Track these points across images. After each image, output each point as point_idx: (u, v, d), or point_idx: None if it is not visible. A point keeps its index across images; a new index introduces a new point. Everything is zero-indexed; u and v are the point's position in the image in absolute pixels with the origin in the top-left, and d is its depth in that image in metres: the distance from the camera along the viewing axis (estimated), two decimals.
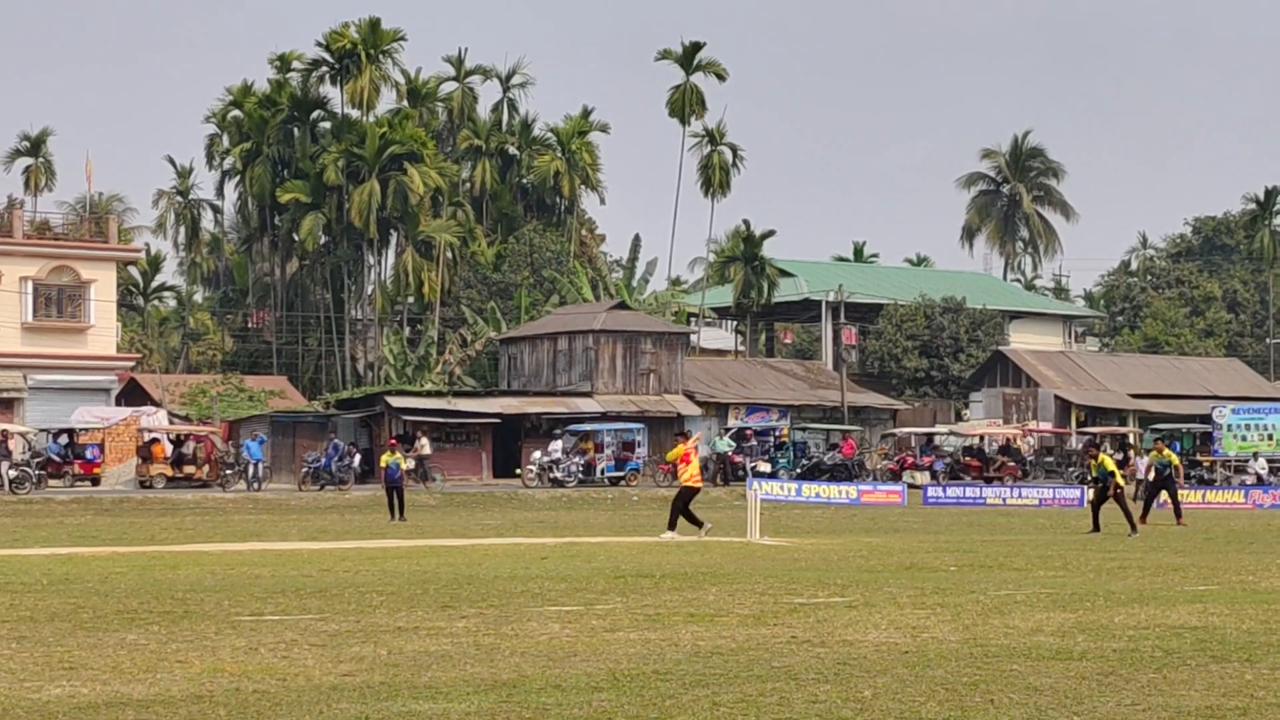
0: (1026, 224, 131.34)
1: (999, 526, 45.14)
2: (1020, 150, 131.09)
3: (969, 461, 79.10)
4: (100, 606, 19.64)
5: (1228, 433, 77.29)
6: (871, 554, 30.81)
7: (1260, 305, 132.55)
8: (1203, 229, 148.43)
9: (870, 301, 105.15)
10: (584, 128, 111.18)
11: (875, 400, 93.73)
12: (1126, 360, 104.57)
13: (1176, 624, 17.46)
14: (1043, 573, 25.73)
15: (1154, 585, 23.04)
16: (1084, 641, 15.81)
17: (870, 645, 15.59)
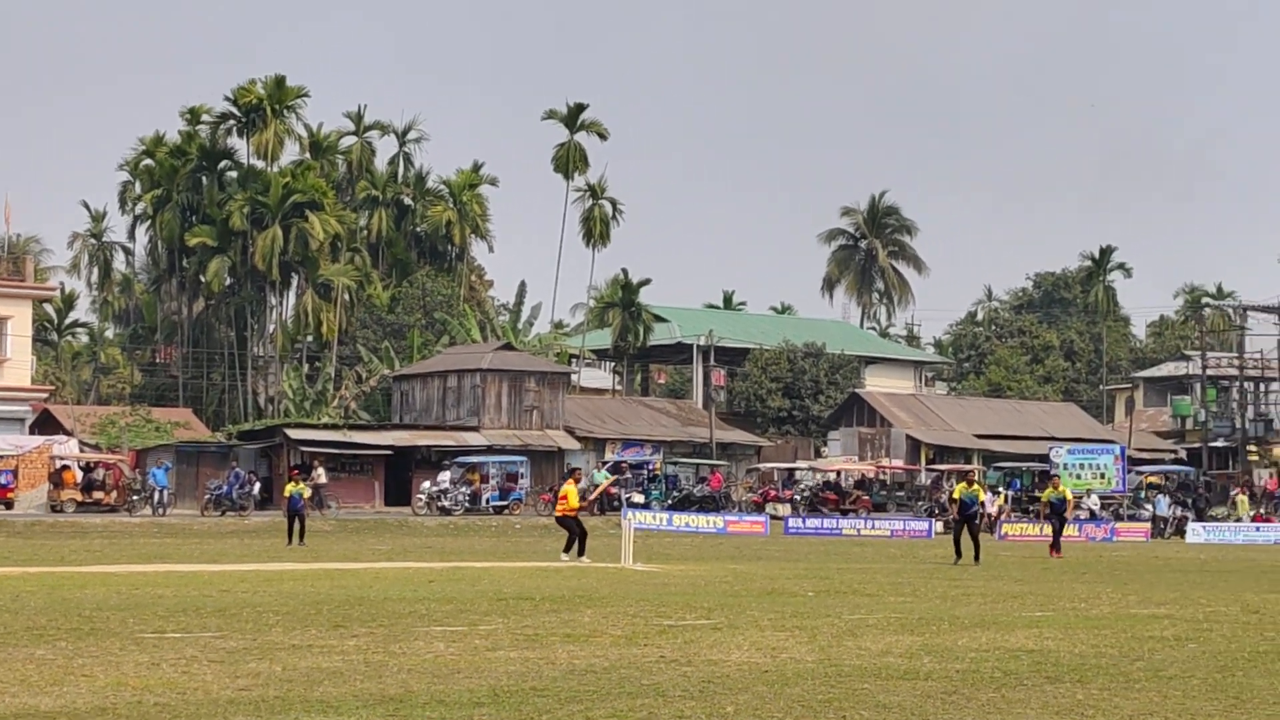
0: (882, 276, 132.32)
1: (854, 555, 45.31)
2: (877, 208, 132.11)
3: (827, 495, 79.37)
4: (10, 623, 19.36)
5: (1064, 471, 77.96)
6: (736, 580, 30.84)
7: (1095, 354, 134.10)
8: (1043, 283, 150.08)
9: (738, 346, 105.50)
10: (474, 180, 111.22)
11: (741, 437, 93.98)
12: (972, 403, 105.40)
13: (1015, 647, 17.57)
14: (893, 598, 25.85)
15: (995, 611, 23.20)
16: (930, 662, 15.89)
17: (733, 665, 15.60)
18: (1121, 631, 19.68)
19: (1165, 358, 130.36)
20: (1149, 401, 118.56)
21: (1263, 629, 20.28)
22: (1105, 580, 32.52)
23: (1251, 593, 28.25)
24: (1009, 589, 28.89)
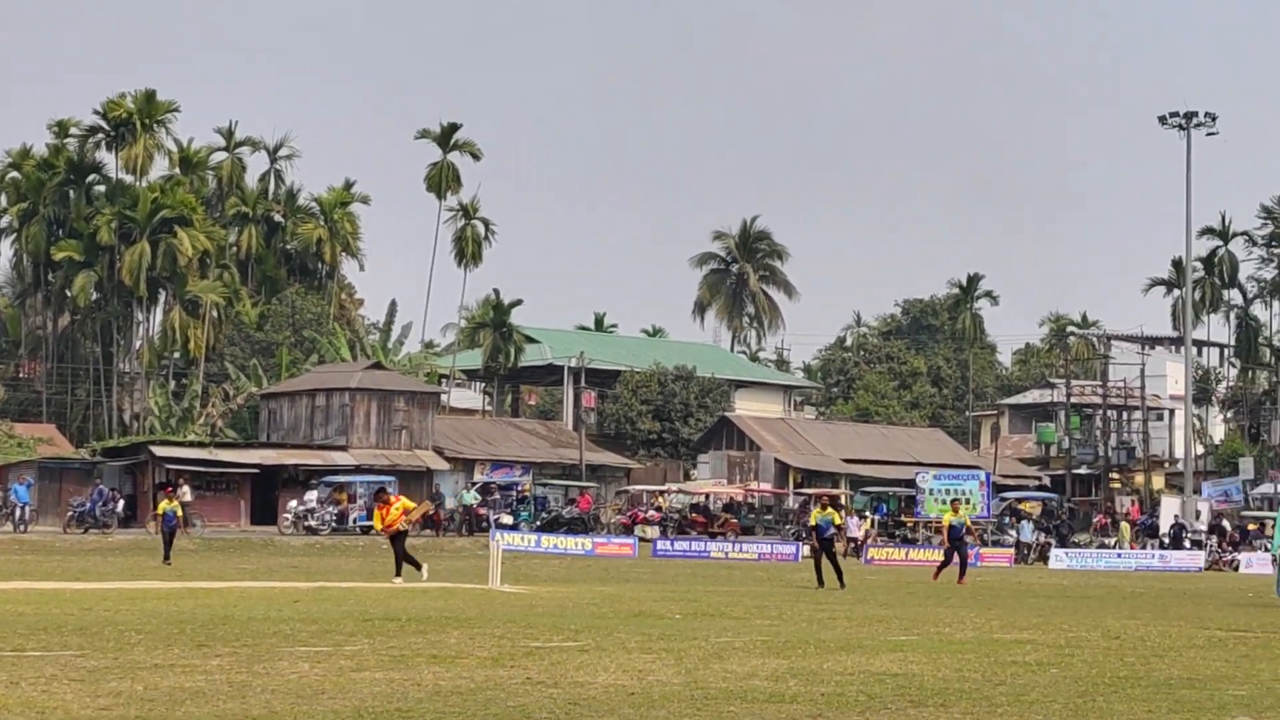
0: (753, 301, 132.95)
1: (721, 578, 45.42)
2: (749, 233, 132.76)
3: (695, 518, 79.59)
4: None
5: (929, 496, 78.64)
6: (604, 602, 30.81)
7: (961, 381, 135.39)
8: (911, 310, 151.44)
9: (609, 368, 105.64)
10: (346, 198, 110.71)
11: (611, 459, 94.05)
12: (840, 428, 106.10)
13: (879, 670, 17.66)
14: (760, 621, 25.92)
15: (860, 634, 23.31)
16: (795, 686, 15.94)
17: (600, 687, 15.57)
18: (985, 656, 19.82)
19: (1030, 385, 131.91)
20: (1014, 428, 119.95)
21: (1123, 654, 20.51)
22: (969, 605, 32.77)
23: (1113, 618, 28.58)
24: (874, 613, 29.05)
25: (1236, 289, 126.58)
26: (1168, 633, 24.83)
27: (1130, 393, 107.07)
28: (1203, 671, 18.30)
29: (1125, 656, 20.21)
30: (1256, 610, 32.70)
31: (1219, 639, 23.66)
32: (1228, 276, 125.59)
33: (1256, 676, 17.78)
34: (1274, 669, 18.77)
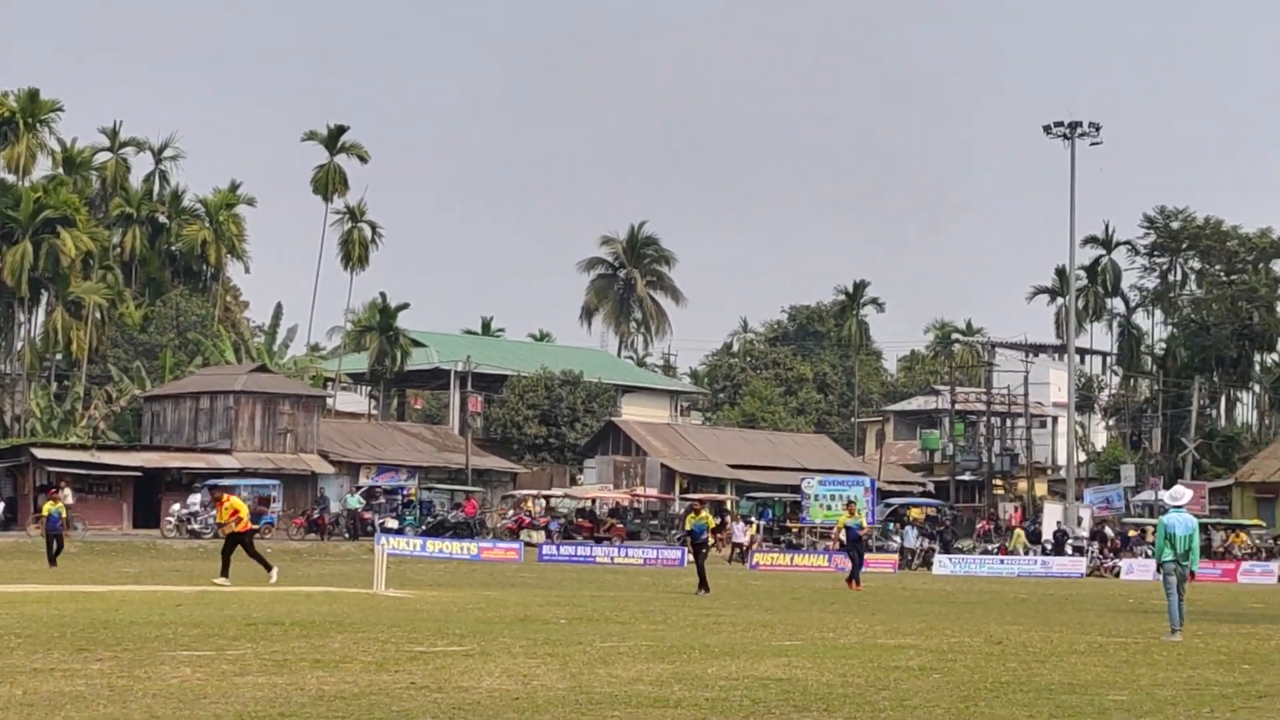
0: (640, 306, 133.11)
1: (607, 583, 45.43)
2: (636, 239, 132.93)
3: (581, 522, 79.59)
4: None
5: (814, 502, 79.02)
6: (489, 607, 30.76)
7: (847, 387, 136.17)
8: (798, 316, 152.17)
9: (496, 372, 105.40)
10: (232, 200, 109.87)
11: (497, 464, 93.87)
12: (726, 433, 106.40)
13: (764, 675, 17.72)
14: (645, 626, 25.95)
15: (745, 639, 23.39)
16: (679, 690, 15.96)
17: (484, 691, 15.54)
18: (868, 661, 19.94)
19: (915, 392, 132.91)
20: (899, 434, 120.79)
21: (1005, 660, 20.69)
22: (854, 610, 32.96)
23: (995, 624, 28.83)
24: (759, 618, 29.15)
25: (1119, 298, 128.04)
26: (1049, 638, 25.07)
27: (1014, 400, 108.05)
28: (1083, 677, 18.50)
29: (1007, 662, 20.38)
30: (1137, 616, 33.09)
31: (1100, 645, 23.92)
32: (1110, 285, 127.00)
33: (1136, 682, 17.99)
34: (1153, 674, 19.00)
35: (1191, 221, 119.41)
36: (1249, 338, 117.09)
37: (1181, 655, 21.94)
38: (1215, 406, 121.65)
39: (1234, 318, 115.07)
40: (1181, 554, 24.95)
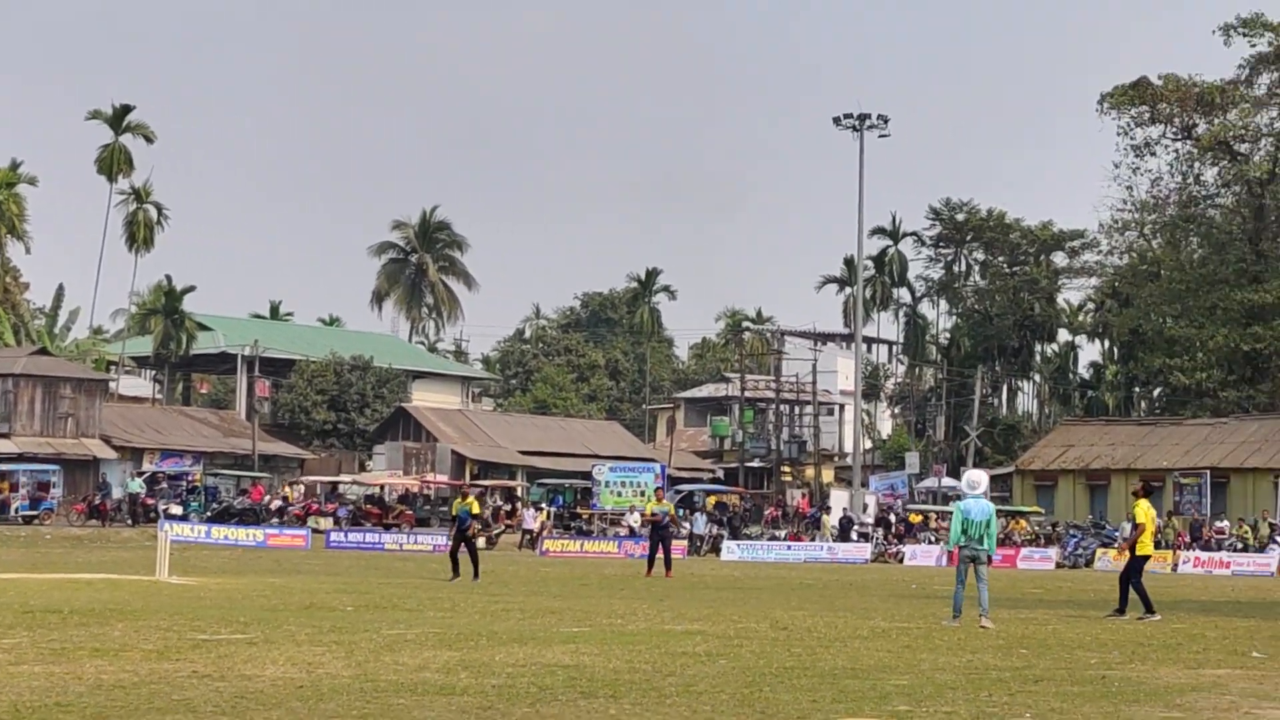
0: (432, 291, 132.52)
1: (395, 570, 45.20)
2: (428, 223, 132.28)
3: (370, 509, 79.09)
4: None
5: (605, 488, 79.21)
6: (274, 594, 30.46)
7: (639, 374, 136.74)
8: (590, 303, 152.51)
9: (284, 357, 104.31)
10: (12, 179, 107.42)
11: (285, 449, 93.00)
12: (518, 420, 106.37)
13: (551, 662, 17.74)
14: (433, 613, 25.86)
15: (533, 626, 23.40)
16: (466, 678, 15.93)
17: (268, 680, 15.38)
18: (656, 647, 20.03)
19: (706, 379, 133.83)
20: (689, 421, 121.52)
21: (790, 645, 20.90)
22: (642, 596, 33.09)
23: (781, 610, 29.10)
24: (548, 604, 29.18)
25: (905, 288, 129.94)
26: (834, 624, 25.37)
27: (802, 388, 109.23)
28: (866, 662, 18.74)
29: (792, 647, 20.59)
30: (919, 601, 33.59)
31: (883, 630, 24.25)
32: (897, 275, 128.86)
33: (917, 666, 18.27)
34: (935, 659, 19.30)
35: (976, 214, 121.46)
36: (1030, 328, 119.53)
37: (961, 640, 22.32)
38: (997, 395, 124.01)
39: (1016, 308, 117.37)
40: (977, 539, 25.31)
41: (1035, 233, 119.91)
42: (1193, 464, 76.48)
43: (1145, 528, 28.36)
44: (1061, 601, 35.32)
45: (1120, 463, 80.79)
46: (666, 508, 46.38)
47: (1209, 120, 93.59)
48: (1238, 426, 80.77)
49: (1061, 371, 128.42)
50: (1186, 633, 24.91)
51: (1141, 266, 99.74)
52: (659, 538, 45.47)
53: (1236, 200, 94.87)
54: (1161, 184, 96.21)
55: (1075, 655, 20.40)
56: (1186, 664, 19.41)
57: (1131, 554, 28.73)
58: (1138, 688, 16.31)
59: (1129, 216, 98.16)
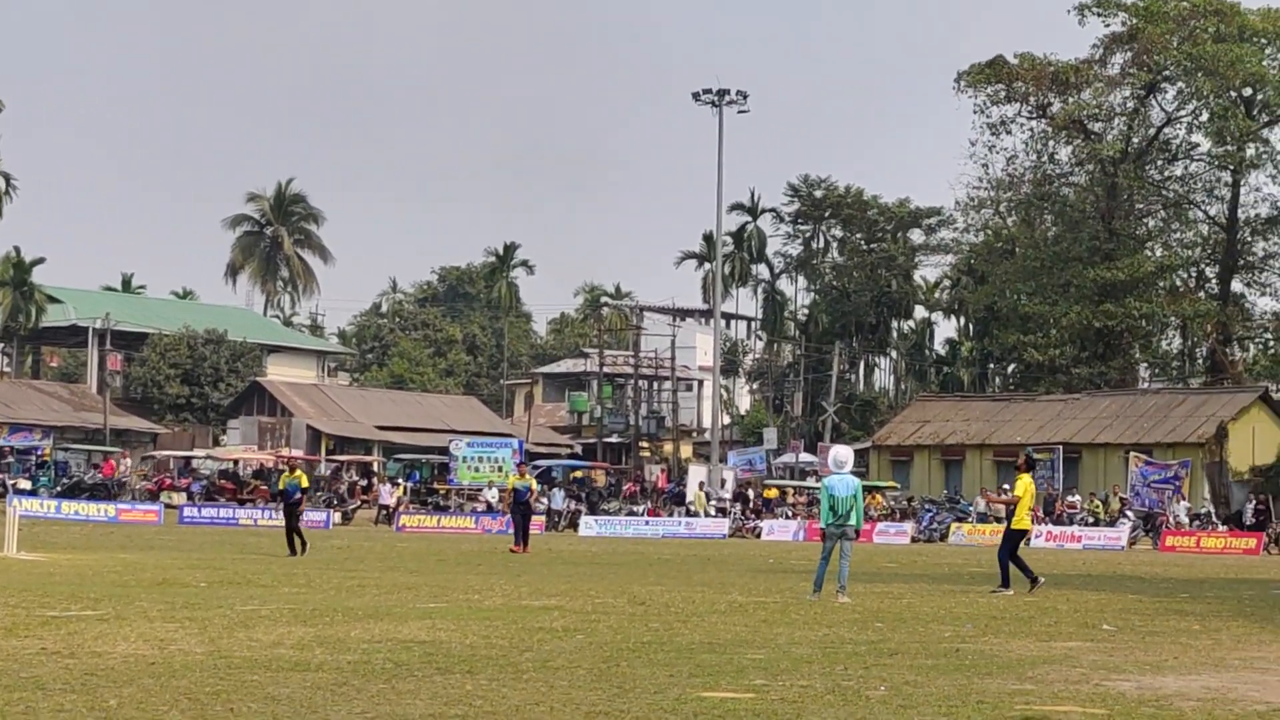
0: (287, 265, 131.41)
1: (250, 546, 44.83)
2: (284, 196, 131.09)
3: (224, 484, 78.37)
4: None
5: (462, 464, 79.05)
6: (126, 570, 30.13)
7: (496, 349, 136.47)
8: (448, 277, 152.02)
9: (136, 330, 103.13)
10: None
11: (137, 424, 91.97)
12: (374, 395, 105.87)
13: (407, 638, 17.67)
14: (287, 589, 25.69)
15: (389, 602, 23.31)
16: (321, 654, 15.83)
17: (119, 657, 15.20)
18: (512, 623, 20.02)
19: (564, 354, 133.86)
20: (548, 397, 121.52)
21: (647, 620, 20.95)
22: (499, 572, 33.07)
23: (639, 585, 29.17)
24: (404, 580, 29.09)
25: (764, 264, 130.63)
26: (691, 598, 25.47)
27: (661, 363, 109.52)
28: (723, 636, 18.83)
29: (650, 622, 20.64)
30: (776, 576, 33.80)
31: (740, 604, 24.37)
32: (756, 251, 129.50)
33: (774, 641, 18.38)
34: (790, 633, 19.43)
35: (834, 191, 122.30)
36: (887, 305, 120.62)
37: (818, 614, 22.48)
38: (854, 371, 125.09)
39: (873, 285, 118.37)
40: (845, 515, 25.44)
41: (893, 210, 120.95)
42: (1045, 439, 77.44)
43: (1022, 500, 28.51)
44: (916, 576, 35.68)
45: (975, 438, 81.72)
46: (528, 482, 46.27)
47: (1063, 99, 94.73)
48: (1090, 402, 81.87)
49: (918, 348, 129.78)
50: (1039, 606, 25.24)
51: (997, 244, 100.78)
52: (519, 512, 45.40)
53: (1090, 179, 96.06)
54: (1017, 162, 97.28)
55: (930, 629, 20.61)
56: (1038, 637, 19.67)
57: (1008, 528, 28.97)
58: (990, 660, 16.50)
59: (985, 194, 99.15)
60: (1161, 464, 70.59)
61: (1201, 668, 16.23)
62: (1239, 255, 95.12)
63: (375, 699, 12.77)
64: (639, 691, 13.41)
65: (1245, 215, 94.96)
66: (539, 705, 12.49)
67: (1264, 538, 59.02)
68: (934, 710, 12.50)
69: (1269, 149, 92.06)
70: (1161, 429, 76.42)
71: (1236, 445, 74.82)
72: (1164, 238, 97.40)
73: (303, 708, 12.21)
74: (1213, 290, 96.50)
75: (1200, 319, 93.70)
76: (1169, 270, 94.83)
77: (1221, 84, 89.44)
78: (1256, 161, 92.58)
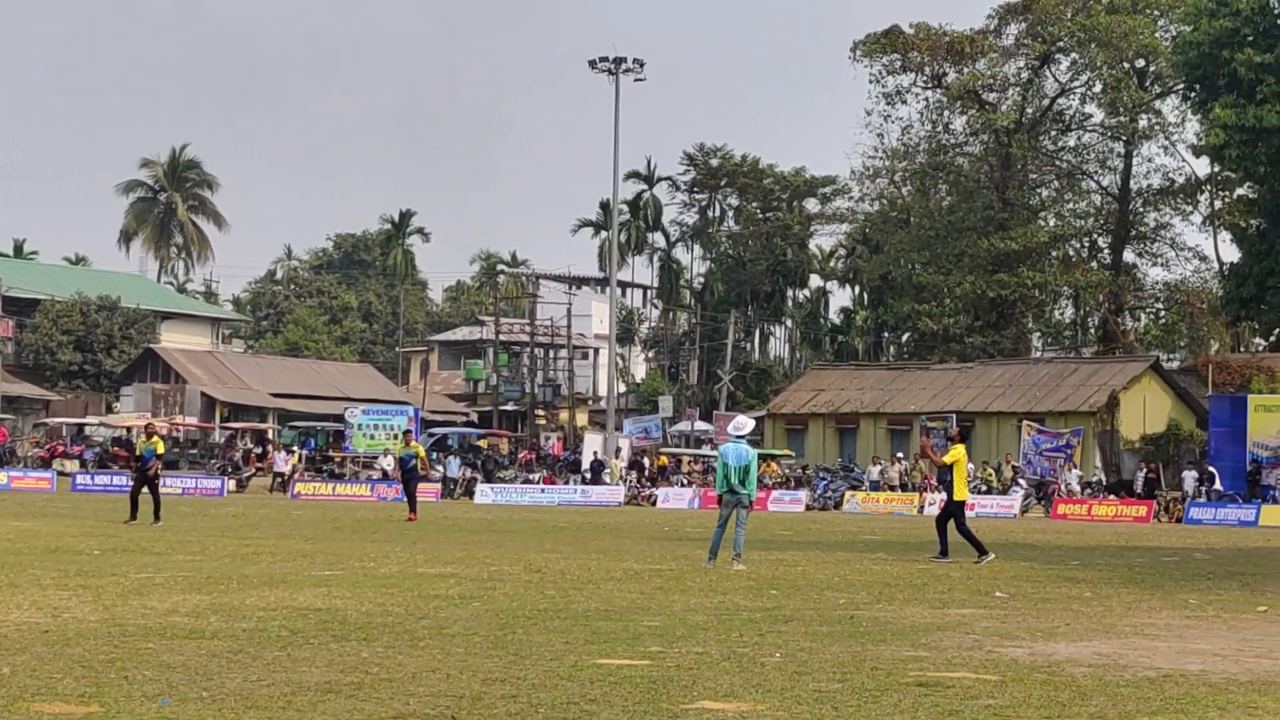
0: (181, 231, 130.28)
1: (143, 514, 44.40)
2: (178, 162, 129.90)
3: (117, 451, 77.73)
4: None
5: (358, 431, 78.66)
6: (18, 537, 29.87)
7: (392, 316, 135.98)
8: (343, 244, 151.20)
9: (28, 296, 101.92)
10: None
11: (29, 391, 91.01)
12: (269, 362, 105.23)
13: (303, 606, 17.63)
14: (182, 557, 25.56)
15: (284, 570, 23.23)
16: (216, 621, 15.78)
17: (12, 625, 15.09)
18: (409, 590, 20.02)
19: (460, 322, 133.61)
20: (444, 364, 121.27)
21: (543, 587, 21.00)
22: (395, 539, 33.01)
23: (535, 552, 29.21)
24: (299, 548, 28.99)
25: (660, 232, 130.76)
26: (587, 566, 25.54)
27: (557, 331, 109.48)
28: (619, 603, 18.90)
29: (545, 589, 20.69)
30: (672, 543, 33.92)
31: (636, 572, 24.46)
32: (652, 220, 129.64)
33: (669, 608, 18.46)
34: (686, 600, 19.52)
35: (730, 159, 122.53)
36: (782, 274, 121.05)
37: (713, 582, 22.59)
38: (750, 340, 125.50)
39: (769, 254, 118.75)
40: (737, 483, 25.52)
41: (788, 179, 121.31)
42: (939, 408, 77.97)
43: (958, 471, 28.56)
44: (811, 543, 35.89)
45: (869, 406, 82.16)
46: (414, 450, 45.99)
47: (958, 70, 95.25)
48: (983, 371, 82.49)
49: (813, 316, 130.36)
50: (932, 573, 25.47)
51: (892, 213, 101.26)
52: (405, 480, 45.27)
53: (984, 149, 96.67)
54: (912, 132, 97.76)
55: (824, 596, 20.76)
56: (932, 604, 19.86)
57: (949, 499, 29.13)
58: (885, 627, 16.65)
59: (880, 164, 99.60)
60: (1053, 432, 71.21)
61: (1093, 634, 16.45)
62: (1131, 226, 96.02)
63: (270, 666, 12.74)
64: (535, 659, 13.45)
65: (1137, 186, 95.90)
66: (435, 673, 12.50)
67: (1154, 505, 59.73)
68: (829, 677, 12.61)
69: (1161, 120, 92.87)
70: (1054, 398, 77.11)
71: (1127, 414, 75.66)
72: (1057, 208, 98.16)
73: (198, 675, 12.17)
74: (1105, 260, 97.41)
75: (1093, 289, 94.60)
76: (1062, 240, 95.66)
77: (1115, 55, 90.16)
78: (1148, 133, 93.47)
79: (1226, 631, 17.05)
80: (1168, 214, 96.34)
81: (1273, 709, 11.22)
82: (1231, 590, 23.26)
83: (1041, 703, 11.42)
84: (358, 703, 10.96)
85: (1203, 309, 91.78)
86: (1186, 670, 13.46)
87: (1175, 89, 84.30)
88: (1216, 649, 15.18)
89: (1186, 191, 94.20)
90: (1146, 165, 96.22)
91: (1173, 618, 18.59)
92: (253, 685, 11.75)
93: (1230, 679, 12.96)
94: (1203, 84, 55.00)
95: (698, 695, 11.53)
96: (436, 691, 11.51)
